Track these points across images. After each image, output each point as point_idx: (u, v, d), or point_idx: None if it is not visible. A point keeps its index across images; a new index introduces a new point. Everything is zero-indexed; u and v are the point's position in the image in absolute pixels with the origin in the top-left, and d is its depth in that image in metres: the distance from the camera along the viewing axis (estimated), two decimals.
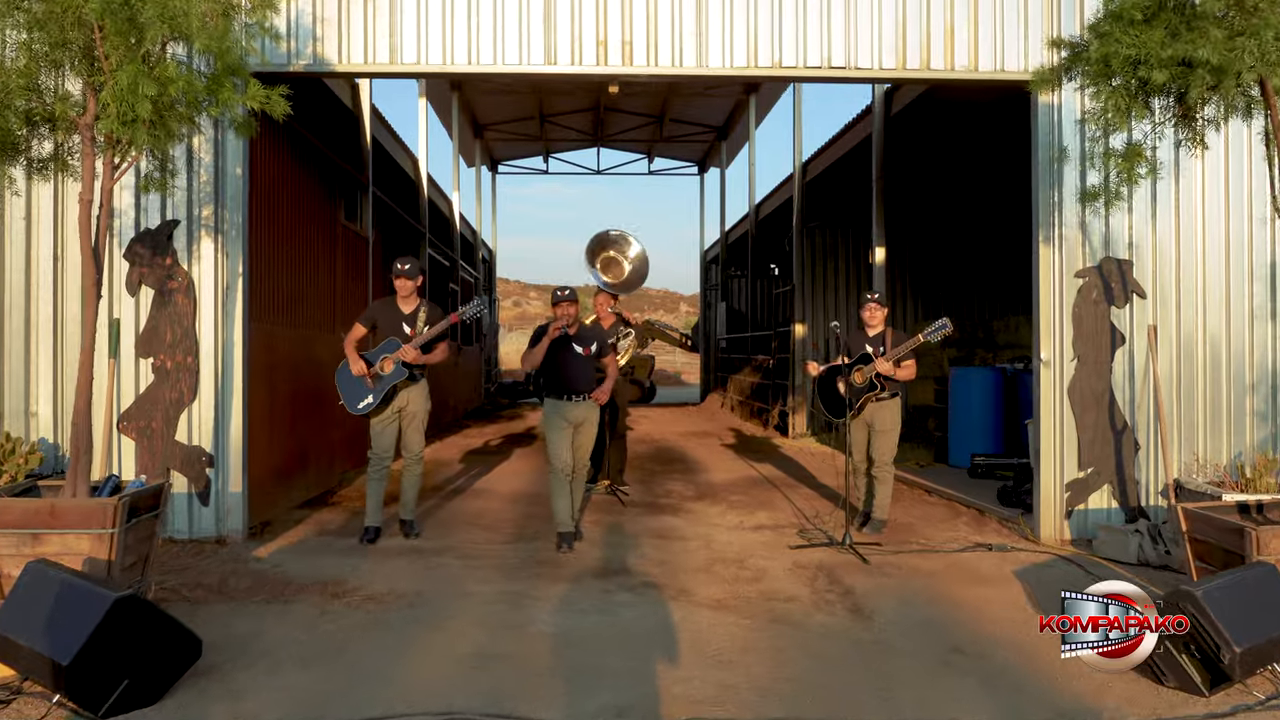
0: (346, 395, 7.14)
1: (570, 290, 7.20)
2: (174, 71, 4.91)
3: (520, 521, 8.18)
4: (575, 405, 7.13)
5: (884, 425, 7.70)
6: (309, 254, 8.95)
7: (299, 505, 8.40)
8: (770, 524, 8.24)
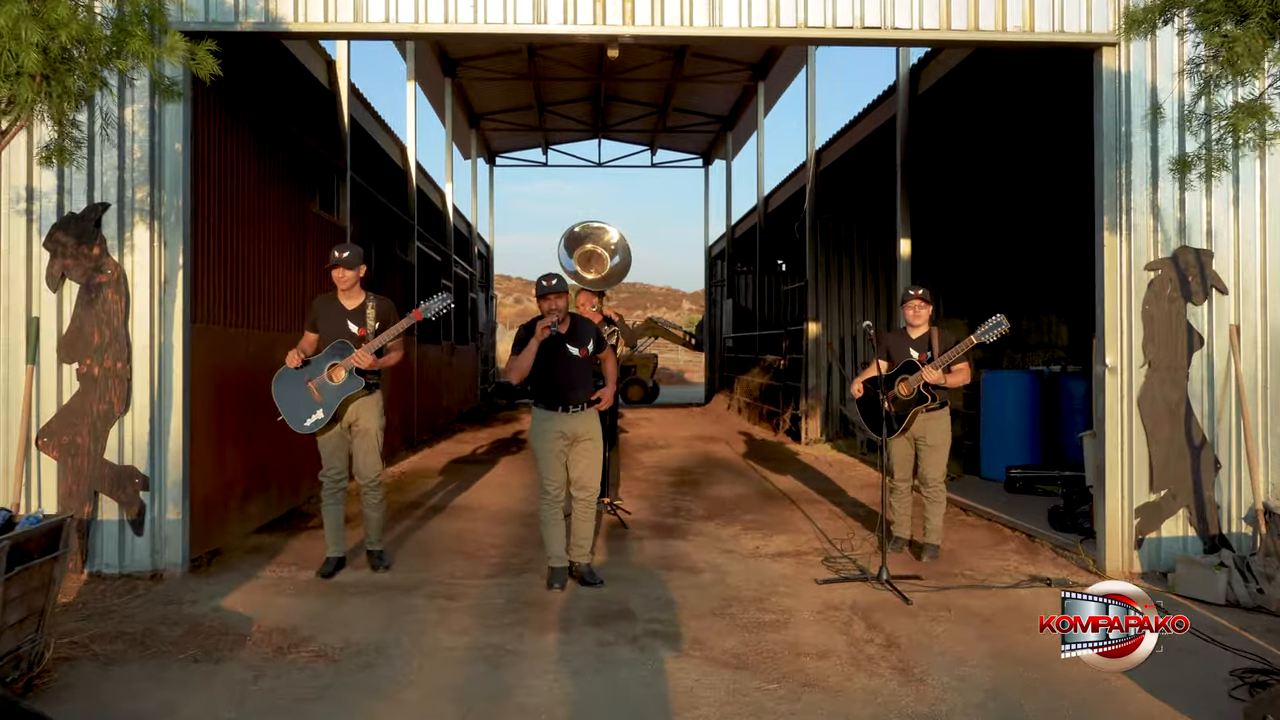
0: (288, 410, 6.08)
1: (558, 279, 6.03)
2: (66, 13, 3.94)
3: (507, 547, 7.21)
4: (573, 416, 6.02)
5: (935, 439, 6.74)
6: (272, 245, 7.98)
7: (257, 529, 7.43)
8: (791, 550, 7.27)
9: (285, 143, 8.39)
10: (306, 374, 6.06)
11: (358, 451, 6.27)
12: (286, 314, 8.23)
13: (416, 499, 9.27)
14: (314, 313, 6.24)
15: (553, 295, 5.94)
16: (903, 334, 6.94)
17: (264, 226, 7.80)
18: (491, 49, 18.15)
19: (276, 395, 6.10)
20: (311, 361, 6.08)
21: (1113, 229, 6.37)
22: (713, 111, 22.64)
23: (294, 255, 8.50)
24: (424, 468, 11.66)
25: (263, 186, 7.80)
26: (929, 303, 6.81)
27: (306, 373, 6.06)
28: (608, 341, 6.55)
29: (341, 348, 6.05)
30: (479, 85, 20.57)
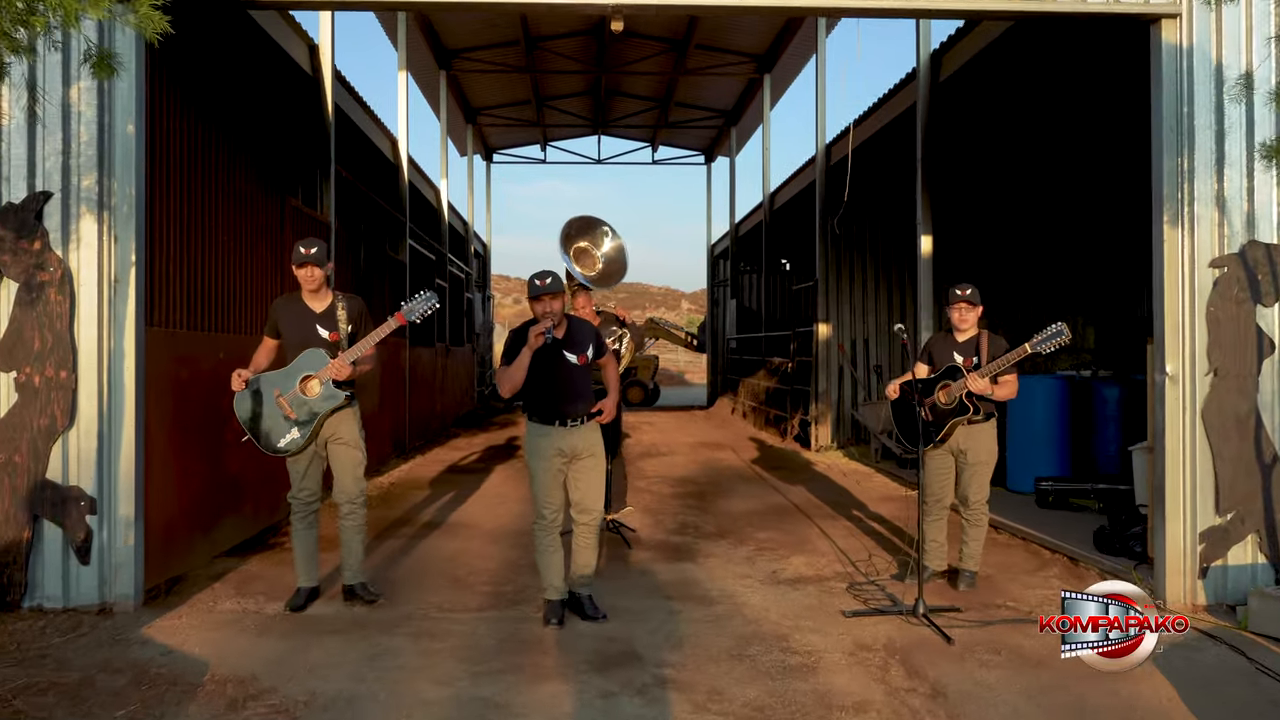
0: (256, 429, 5.43)
1: (553, 277, 5.24)
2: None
3: (501, 572, 6.56)
4: (572, 431, 5.32)
5: (978, 455, 6.10)
6: (245, 241, 7.33)
7: (227, 552, 6.77)
8: (812, 574, 6.62)
9: (261, 131, 7.75)
10: (275, 386, 5.40)
11: (338, 468, 5.62)
12: (262, 316, 7.58)
13: (405, 514, 8.62)
14: (275, 316, 5.57)
15: (547, 296, 5.19)
16: (948, 336, 6.29)
17: (235, 221, 7.15)
18: (488, 39, 17.50)
19: (240, 413, 5.43)
20: (275, 373, 5.43)
21: (1173, 222, 5.72)
22: (716, 106, 21.99)
23: (269, 251, 7.84)
24: (415, 478, 11.01)
25: (234, 177, 7.15)
26: (977, 304, 6.15)
27: (275, 385, 5.41)
28: (609, 345, 5.83)
29: (315, 358, 5.40)
30: (475, 78, 19.92)
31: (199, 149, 6.56)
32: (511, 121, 23.36)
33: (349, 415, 5.60)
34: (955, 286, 6.23)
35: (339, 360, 5.35)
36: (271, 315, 5.59)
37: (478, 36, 17.35)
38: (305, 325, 5.48)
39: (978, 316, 6.23)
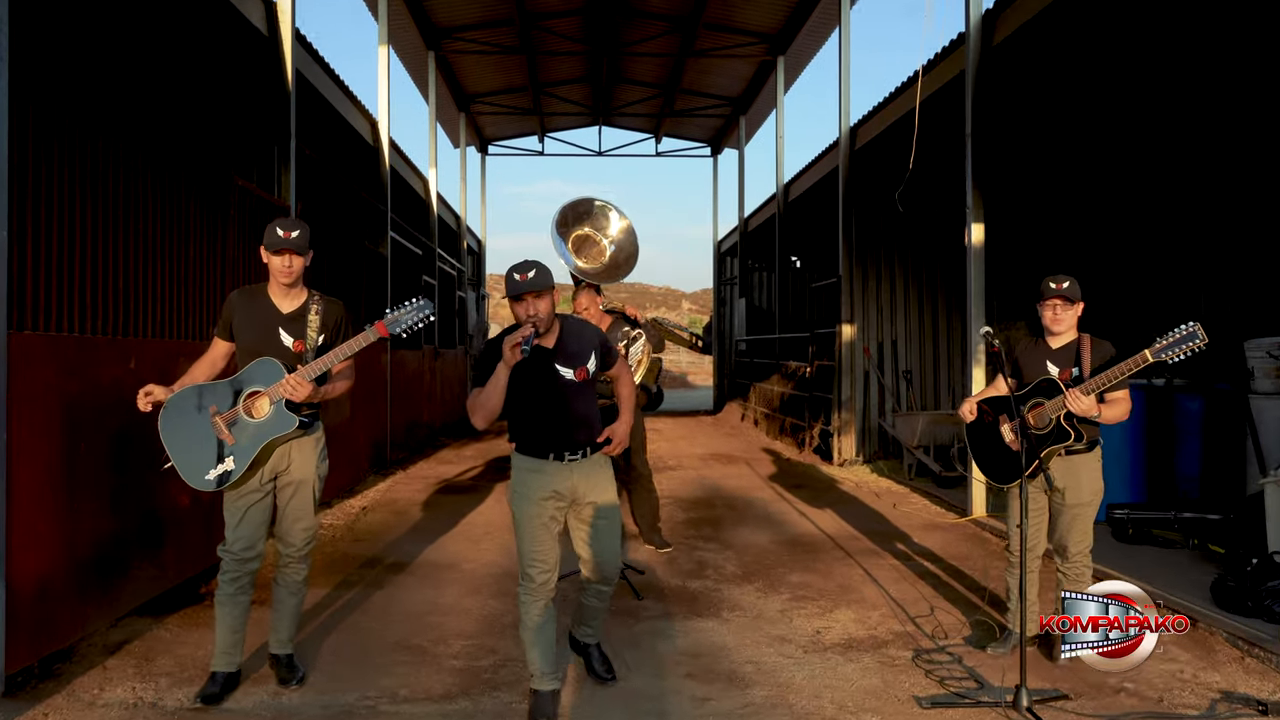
0: (183, 456, 4.18)
1: (537, 270, 3.93)
2: None
3: (479, 635, 5.25)
4: (571, 468, 4.09)
5: (1079, 494, 4.83)
6: (171, 226, 6.02)
7: (137, 608, 5.44)
8: (864, 635, 5.33)
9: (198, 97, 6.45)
10: (214, 401, 4.14)
11: (285, 511, 4.35)
12: (196, 316, 6.29)
13: (371, 550, 7.32)
14: (230, 312, 4.31)
15: (530, 296, 3.88)
16: (1039, 343, 5.00)
17: (158, 203, 5.84)
18: (479, 16, 16.20)
19: (165, 433, 4.17)
20: (218, 384, 4.17)
21: None
22: (724, 93, 20.68)
23: (209, 240, 6.54)
24: (392, 499, 9.70)
25: (157, 151, 5.85)
26: (1076, 299, 4.86)
27: (213, 399, 4.14)
28: (618, 350, 4.43)
29: (267, 370, 4.12)
30: (467, 62, 18.62)
31: (104, 114, 5.26)
32: (507, 110, 22.04)
33: (307, 445, 4.34)
34: (1049, 278, 4.93)
35: (295, 376, 4.08)
36: (226, 310, 4.33)
37: (468, 12, 16.05)
38: (266, 327, 4.24)
39: (1077, 316, 4.94)
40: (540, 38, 17.45)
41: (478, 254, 24.98)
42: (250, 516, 4.28)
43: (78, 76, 5.10)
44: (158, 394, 4.12)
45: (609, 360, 4.29)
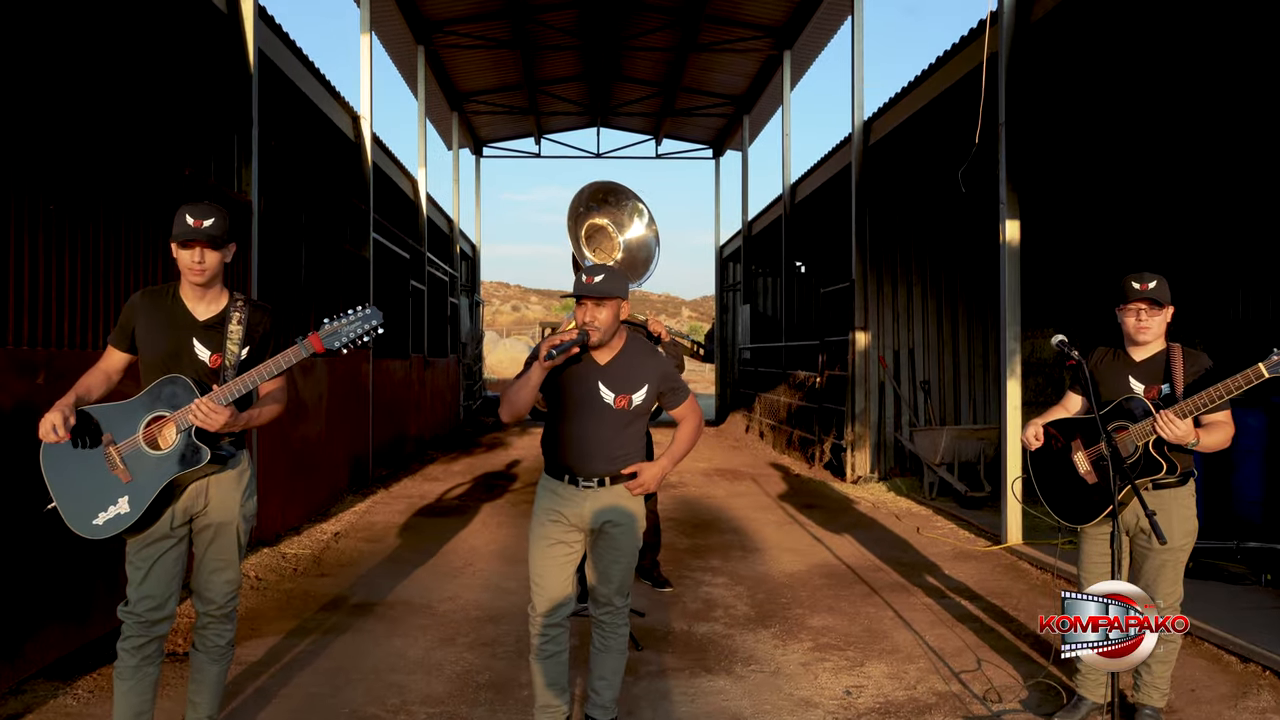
0: (65, 493, 3.38)
1: (606, 275, 3.63)
2: None
3: (450, 703, 4.42)
4: (584, 495, 3.71)
5: (1170, 536, 4.01)
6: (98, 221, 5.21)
7: (48, 668, 4.62)
8: (903, 698, 4.52)
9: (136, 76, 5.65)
10: (110, 428, 3.34)
11: (203, 559, 3.56)
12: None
13: (336, 587, 6.49)
14: (130, 316, 3.49)
15: (590, 301, 3.60)
16: (1120, 355, 4.20)
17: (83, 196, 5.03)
18: (471, 8, 15.43)
19: (47, 467, 3.37)
20: (113, 407, 3.37)
21: None
22: (727, 91, 19.90)
23: (148, 237, 5.73)
24: (368, 524, 8.88)
25: (81, 131, 5.04)
26: (1166, 302, 4.06)
27: (110, 425, 3.35)
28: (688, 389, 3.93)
29: (175, 388, 3.32)
30: (460, 57, 17.85)
31: (19, 95, 4.46)
32: (502, 109, 21.27)
33: (228, 481, 3.53)
34: (1131, 276, 4.13)
35: (207, 400, 3.29)
36: (125, 315, 3.51)
37: (460, 4, 15.27)
38: (176, 336, 3.45)
39: (1165, 322, 4.14)
40: (536, 31, 16.69)
41: (472, 259, 24.21)
42: (159, 569, 3.45)
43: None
44: (68, 417, 3.30)
45: (672, 400, 3.85)
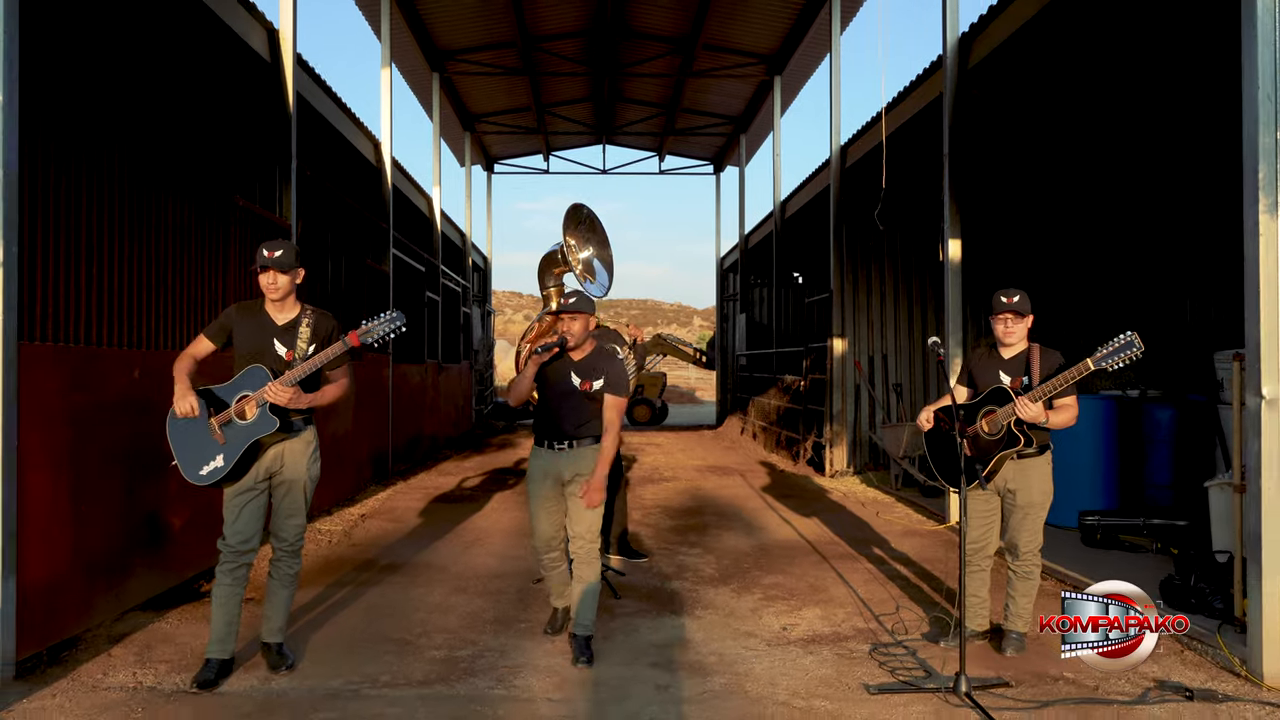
0: (182, 453, 4.56)
1: (577, 297, 5.28)
2: None
3: (462, 630, 5.55)
4: (558, 454, 5.17)
5: (1029, 495, 5.11)
6: (172, 244, 6.38)
7: (143, 604, 5.78)
8: (828, 631, 5.61)
9: (200, 121, 6.82)
10: (212, 404, 4.51)
11: (278, 507, 4.71)
12: (194, 329, 6.63)
13: (365, 554, 7.63)
14: (227, 323, 4.68)
15: (566, 315, 5.21)
16: (992, 352, 5.30)
17: (160, 223, 6.20)
18: (482, 39, 16.63)
19: (171, 434, 4.56)
20: (218, 391, 4.52)
21: (1271, 212, 4.71)
22: (724, 112, 21.07)
23: (211, 257, 6.90)
24: (390, 509, 10.03)
25: (159, 174, 6.21)
26: (1026, 313, 5.15)
27: (212, 402, 4.52)
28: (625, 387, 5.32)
29: (256, 376, 4.49)
30: (471, 83, 19.06)
31: (111, 140, 5.63)
32: (512, 129, 22.48)
33: (298, 447, 4.69)
34: (1000, 292, 5.23)
35: (276, 382, 4.44)
36: (224, 320, 4.70)
37: (471, 35, 16.48)
38: (262, 338, 4.62)
39: (1027, 328, 5.24)
40: (542, 59, 17.87)
41: (483, 270, 25.38)
42: (246, 512, 4.61)
43: (86, 99, 5.47)
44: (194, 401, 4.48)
45: (611, 391, 5.18)
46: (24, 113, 4.53)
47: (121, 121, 5.82)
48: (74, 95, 5.37)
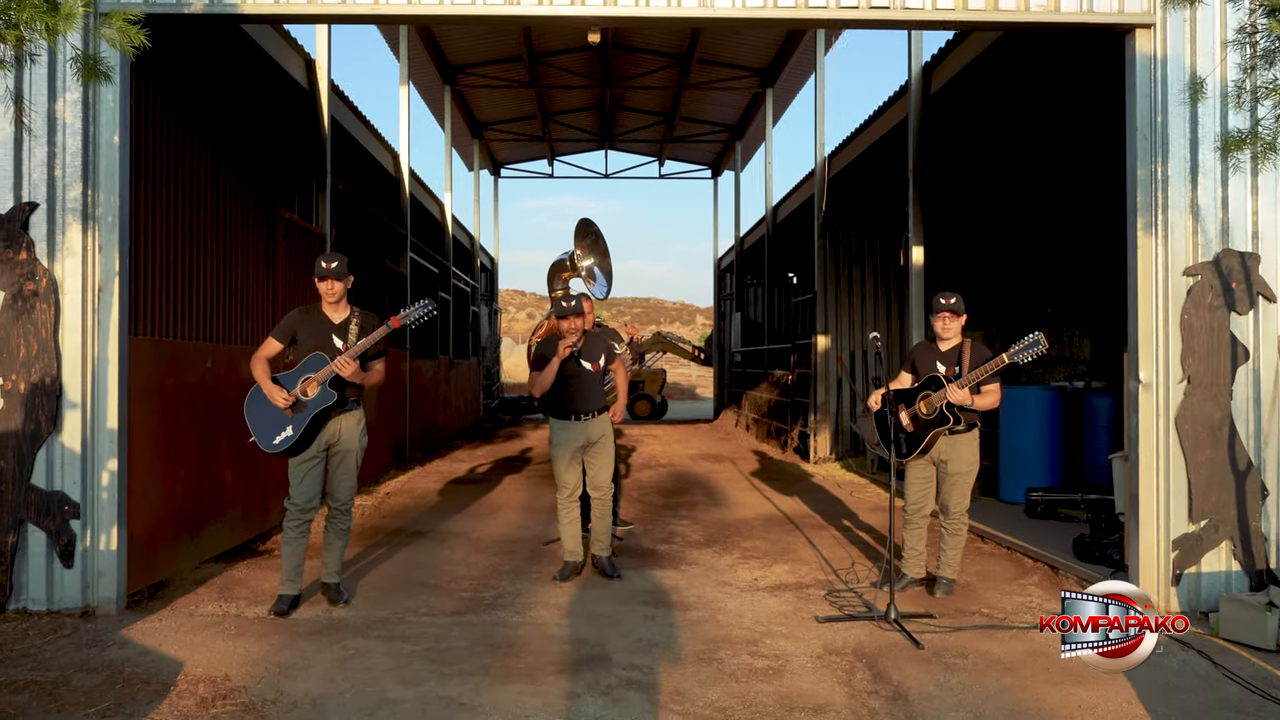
0: (258, 428, 5.61)
1: (577, 300, 6.53)
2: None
3: (483, 578, 6.62)
4: (585, 424, 6.51)
5: (959, 465, 6.13)
6: (235, 253, 7.44)
7: (214, 558, 6.86)
8: (792, 581, 6.66)
9: (253, 143, 7.87)
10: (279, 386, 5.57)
11: (334, 473, 5.76)
12: (253, 327, 7.69)
13: (395, 524, 8.70)
14: (291, 324, 5.73)
15: (573, 316, 6.37)
16: (932, 345, 6.33)
17: (224, 232, 7.26)
18: (491, 55, 17.69)
19: (248, 414, 5.61)
20: (283, 378, 5.58)
21: (1147, 230, 5.76)
22: (721, 120, 22.12)
23: (262, 264, 7.96)
24: (411, 489, 11.09)
25: (223, 190, 7.27)
26: (960, 313, 6.17)
27: (282, 384, 5.58)
28: (617, 353, 6.92)
29: (316, 361, 5.54)
30: (480, 94, 20.12)
31: (187, 161, 6.68)
32: (518, 136, 23.54)
33: (351, 422, 5.73)
34: (939, 294, 6.27)
35: (341, 358, 5.47)
36: (287, 322, 5.74)
37: (481, 52, 17.54)
38: (322, 334, 5.65)
39: (961, 325, 6.26)
40: (547, 72, 18.91)
41: (490, 271, 26.44)
42: (308, 478, 5.66)
43: (175, 139, 6.52)
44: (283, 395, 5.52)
45: (610, 359, 6.71)
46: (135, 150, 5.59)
47: (200, 149, 6.86)
48: (165, 136, 6.41)
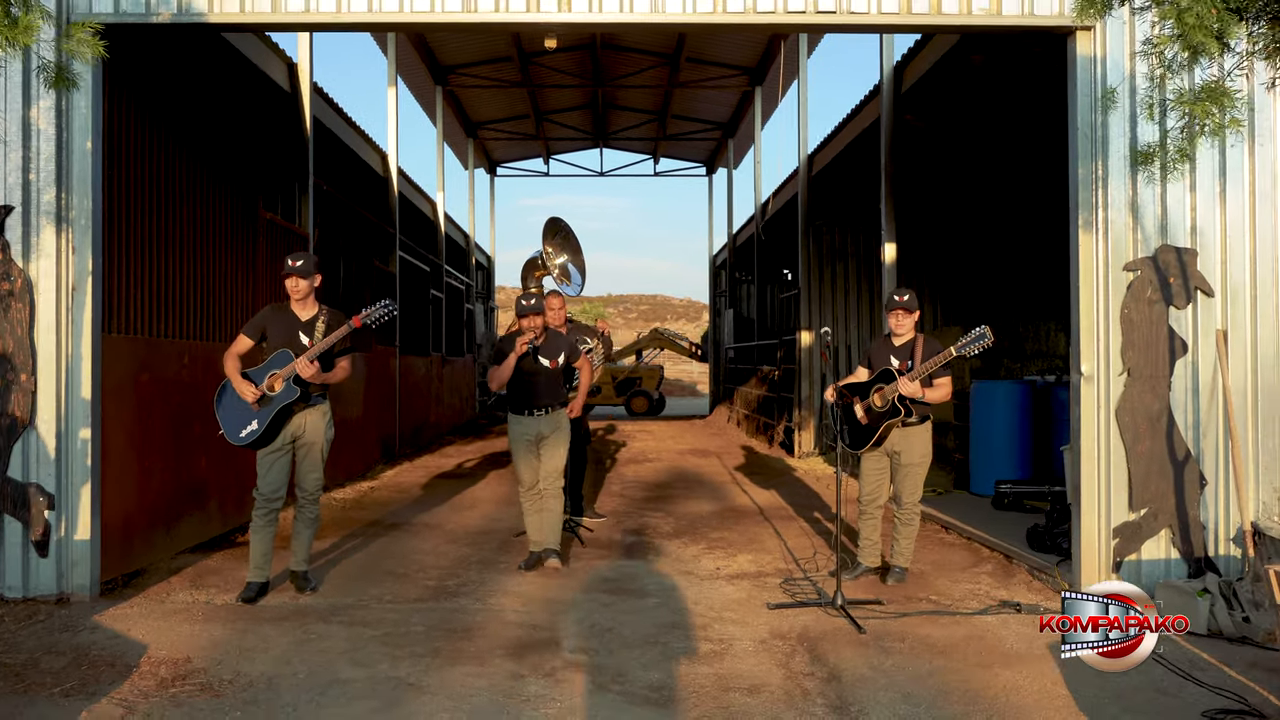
0: (226, 422, 5.80)
1: (536, 299, 6.76)
2: None
3: (450, 568, 6.81)
4: (538, 419, 6.69)
5: (911, 456, 6.30)
6: (212, 251, 7.64)
7: (191, 549, 7.07)
8: (753, 571, 6.84)
9: (233, 146, 8.07)
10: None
11: (300, 464, 5.95)
12: (234, 325, 7.88)
13: (374, 516, 8.90)
14: (262, 321, 5.93)
15: (531, 315, 6.56)
16: (887, 340, 6.49)
17: (203, 233, 7.46)
18: (482, 55, 17.88)
19: (218, 408, 5.81)
20: (252, 373, 5.77)
21: (1088, 227, 5.92)
22: (713, 118, 22.29)
23: (243, 264, 8.16)
24: (397, 483, 11.30)
25: (202, 191, 7.47)
26: (914, 309, 6.34)
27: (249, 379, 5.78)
28: (582, 351, 7.11)
29: (282, 358, 5.73)
30: (473, 94, 20.31)
31: (164, 164, 6.88)
32: (513, 135, 23.73)
33: (316, 415, 5.92)
34: (894, 292, 6.44)
35: (301, 359, 5.66)
36: (259, 319, 5.94)
37: (471, 53, 17.73)
38: (290, 331, 5.84)
39: (914, 321, 6.42)
40: (539, 72, 19.09)
41: (487, 269, 26.64)
42: (275, 469, 5.86)
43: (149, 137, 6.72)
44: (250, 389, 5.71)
45: (574, 356, 6.93)
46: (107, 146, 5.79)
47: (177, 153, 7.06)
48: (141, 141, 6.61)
